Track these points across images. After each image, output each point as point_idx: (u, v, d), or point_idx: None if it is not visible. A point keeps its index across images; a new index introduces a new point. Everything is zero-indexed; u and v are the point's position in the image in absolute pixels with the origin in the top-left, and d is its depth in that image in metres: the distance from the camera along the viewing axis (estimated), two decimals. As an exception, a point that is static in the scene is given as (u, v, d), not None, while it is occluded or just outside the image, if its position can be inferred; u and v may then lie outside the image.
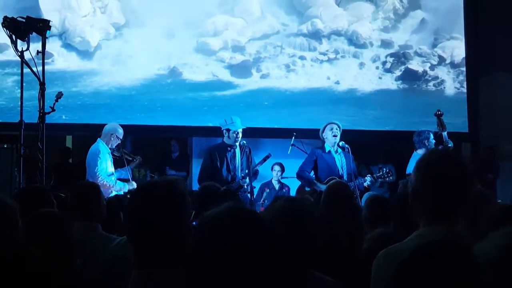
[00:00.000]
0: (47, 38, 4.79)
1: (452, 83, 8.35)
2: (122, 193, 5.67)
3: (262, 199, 6.91)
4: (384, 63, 8.31)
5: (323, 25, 8.18)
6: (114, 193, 5.68)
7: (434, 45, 8.43)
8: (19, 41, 4.75)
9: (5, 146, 5.70)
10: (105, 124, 6.06)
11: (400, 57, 8.36)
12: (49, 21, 4.81)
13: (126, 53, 7.63)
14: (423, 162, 1.89)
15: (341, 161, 6.05)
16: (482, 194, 3.01)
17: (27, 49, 4.70)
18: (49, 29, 4.80)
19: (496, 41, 8.11)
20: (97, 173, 5.59)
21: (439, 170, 1.83)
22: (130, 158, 6.00)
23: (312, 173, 6.19)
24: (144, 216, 1.76)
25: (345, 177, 5.88)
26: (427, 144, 6.02)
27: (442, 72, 8.38)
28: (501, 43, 8.05)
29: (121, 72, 7.58)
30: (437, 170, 1.83)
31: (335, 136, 6.04)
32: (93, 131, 6.22)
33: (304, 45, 8.16)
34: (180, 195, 1.80)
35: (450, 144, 6.02)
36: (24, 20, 4.74)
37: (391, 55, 8.33)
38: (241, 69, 7.96)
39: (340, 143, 6.07)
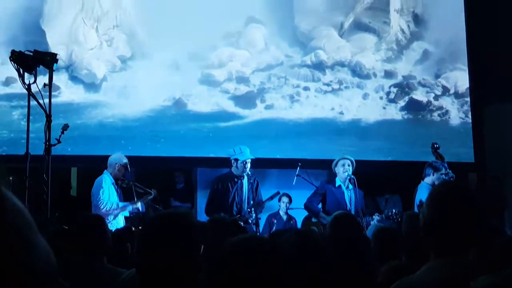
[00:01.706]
0: (54, 71, 4.83)
1: (457, 113, 8.36)
2: (128, 213, 5.73)
3: (270, 231, 6.85)
4: (388, 93, 8.34)
5: (326, 56, 8.25)
6: (121, 223, 5.71)
7: (437, 76, 8.47)
8: (26, 74, 4.79)
9: (11, 178, 5.71)
10: (109, 156, 6.11)
11: (404, 87, 8.39)
12: (56, 54, 4.85)
13: (131, 84, 7.69)
14: (435, 194, 1.90)
15: (350, 197, 6.08)
16: (492, 226, 2.99)
17: (34, 82, 4.73)
18: (56, 63, 4.84)
19: (500, 70, 8.13)
20: (99, 202, 5.69)
21: (451, 203, 1.84)
22: (143, 191, 6.00)
23: (320, 205, 6.19)
24: (155, 248, 1.75)
25: (352, 212, 5.87)
26: (434, 175, 6.04)
27: (447, 102, 8.39)
28: (505, 72, 8.07)
29: (126, 104, 7.63)
30: (449, 202, 1.84)
31: (345, 172, 6.10)
32: (97, 163, 6.24)
33: (308, 76, 8.22)
34: (191, 227, 1.79)
35: (452, 175, 6.06)
36: (31, 54, 4.78)
37: (395, 85, 8.36)
38: (246, 100, 8.00)
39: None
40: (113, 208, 5.75)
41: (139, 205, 5.83)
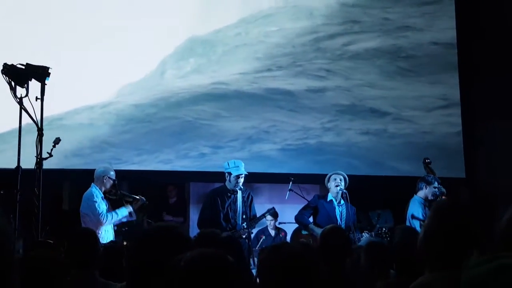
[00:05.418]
0: (46, 84, 4.81)
1: (448, 128, 8.32)
2: (125, 219, 5.72)
3: (258, 247, 6.83)
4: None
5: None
6: (111, 236, 5.68)
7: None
8: (18, 87, 4.78)
9: (1, 192, 5.68)
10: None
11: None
12: (48, 67, 4.84)
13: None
14: (439, 208, 1.99)
15: (341, 212, 6.12)
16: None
17: (26, 95, 4.73)
18: (49, 76, 4.83)
19: (491, 86, 8.16)
20: (100, 216, 5.61)
21: (455, 216, 1.92)
22: (131, 199, 5.91)
23: (311, 218, 6.21)
24: (146, 261, 1.75)
25: (343, 227, 5.89)
26: (427, 189, 6.07)
27: (438, 117, 8.38)
28: (496, 88, 8.11)
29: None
30: (452, 216, 1.92)
31: (337, 186, 6.11)
32: (89, 177, 6.20)
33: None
34: (183, 241, 1.80)
35: (443, 190, 6.10)
36: (23, 67, 4.78)
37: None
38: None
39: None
40: (114, 219, 5.71)
41: (131, 208, 5.79)
